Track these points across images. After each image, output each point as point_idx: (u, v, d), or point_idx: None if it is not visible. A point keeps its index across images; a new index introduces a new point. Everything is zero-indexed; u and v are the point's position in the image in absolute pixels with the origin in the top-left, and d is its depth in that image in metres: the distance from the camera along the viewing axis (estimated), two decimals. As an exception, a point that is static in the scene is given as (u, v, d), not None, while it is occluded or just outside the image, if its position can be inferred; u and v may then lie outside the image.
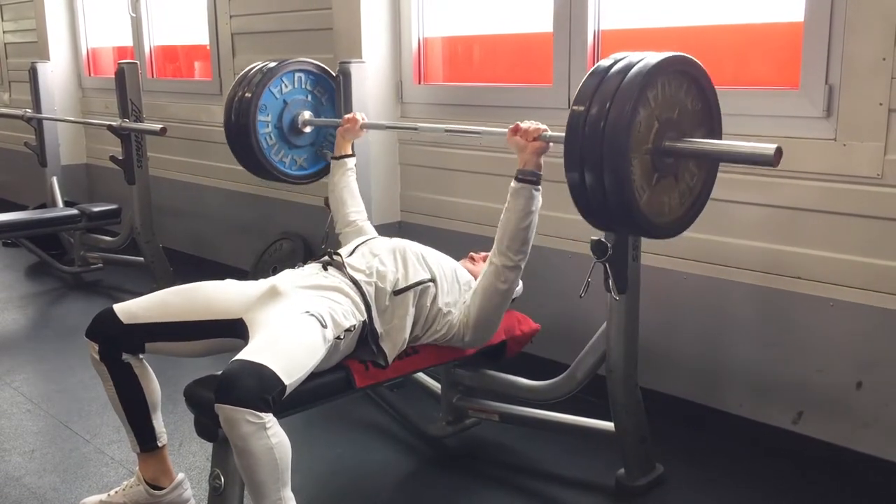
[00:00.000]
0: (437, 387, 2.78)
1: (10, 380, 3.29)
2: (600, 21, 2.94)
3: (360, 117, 2.83)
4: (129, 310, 2.16)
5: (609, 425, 2.39)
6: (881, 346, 2.38)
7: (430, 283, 2.30)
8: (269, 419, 1.77)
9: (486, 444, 2.75)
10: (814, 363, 2.52)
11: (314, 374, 1.98)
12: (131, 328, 2.14)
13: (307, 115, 3.14)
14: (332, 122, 3.09)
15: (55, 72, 5.39)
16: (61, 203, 4.89)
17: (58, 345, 3.72)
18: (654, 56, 1.96)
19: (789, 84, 2.51)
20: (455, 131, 2.88)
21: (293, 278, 2.24)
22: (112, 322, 2.14)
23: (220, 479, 1.92)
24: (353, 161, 2.81)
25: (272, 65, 3.05)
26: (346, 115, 2.88)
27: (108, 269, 4.76)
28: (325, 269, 2.27)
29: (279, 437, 1.79)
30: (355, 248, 2.40)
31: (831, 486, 2.43)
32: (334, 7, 3.56)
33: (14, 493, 2.44)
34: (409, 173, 3.63)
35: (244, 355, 1.84)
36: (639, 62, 1.94)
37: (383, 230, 2.93)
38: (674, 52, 1.99)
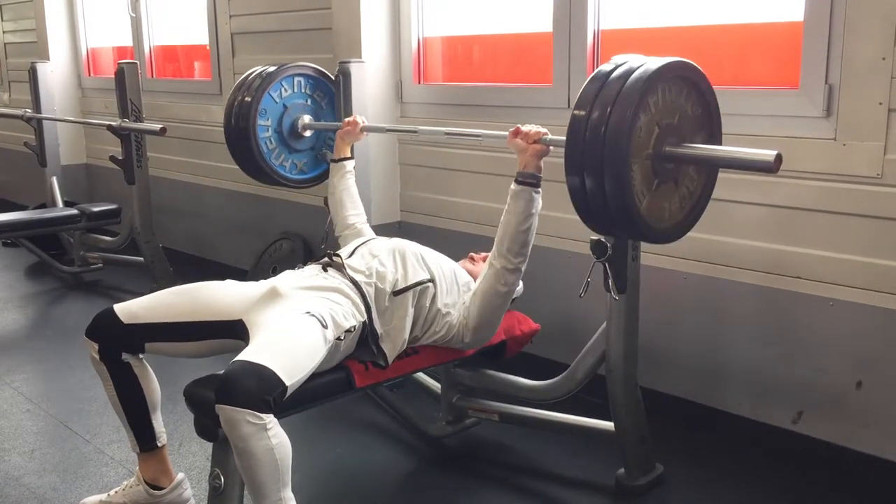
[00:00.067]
0: (437, 387, 2.78)
1: (10, 380, 3.29)
2: (600, 21, 2.94)
3: (361, 120, 2.83)
4: (130, 310, 2.16)
5: (609, 425, 2.40)
6: (881, 346, 2.38)
7: (430, 284, 2.30)
8: (269, 420, 1.77)
9: (486, 443, 2.75)
10: (814, 363, 2.52)
11: (314, 374, 1.98)
12: (131, 328, 2.14)
13: (307, 118, 3.14)
14: (331, 125, 3.09)
15: (55, 72, 5.39)
16: (61, 203, 4.88)
17: (58, 345, 3.72)
18: (654, 61, 1.96)
19: (789, 84, 2.51)
20: (455, 134, 2.86)
21: (293, 279, 2.24)
22: (112, 322, 2.14)
23: (220, 479, 1.92)
24: (351, 164, 2.81)
25: (272, 69, 3.05)
26: (347, 118, 2.87)
27: (107, 269, 4.76)
28: (325, 270, 2.27)
29: (280, 438, 1.79)
30: (355, 249, 2.40)
31: (831, 486, 2.43)
32: (334, 7, 3.56)
33: (14, 493, 2.44)
34: (409, 173, 3.63)
35: (245, 356, 1.84)
36: (639, 67, 1.94)
37: (383, 230, 2.93)
38: (674, 58, 1.99)
